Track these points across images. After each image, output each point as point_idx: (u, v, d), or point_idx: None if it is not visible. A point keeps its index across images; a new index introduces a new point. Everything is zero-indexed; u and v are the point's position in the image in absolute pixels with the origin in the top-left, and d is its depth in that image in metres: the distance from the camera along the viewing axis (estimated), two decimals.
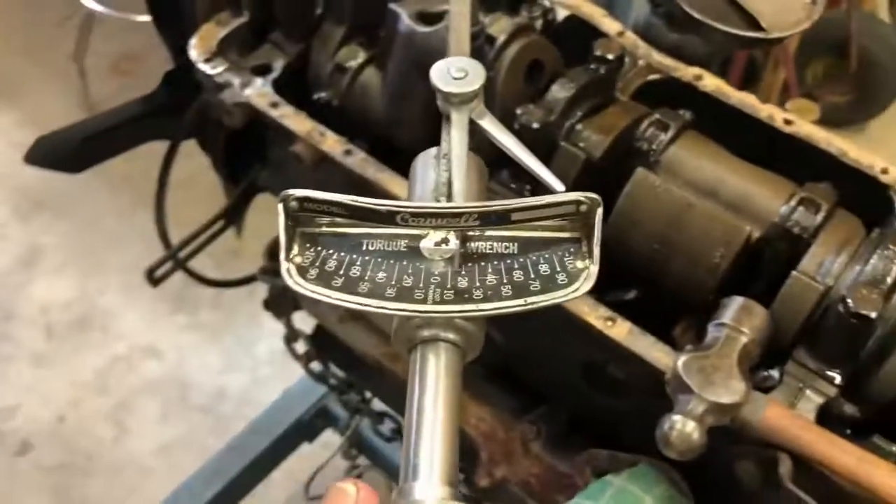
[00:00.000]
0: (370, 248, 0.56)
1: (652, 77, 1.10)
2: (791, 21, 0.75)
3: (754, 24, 0.76)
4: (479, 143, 0.93)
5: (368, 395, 1.57)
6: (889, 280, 0.81)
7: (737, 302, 0.83)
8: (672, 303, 0.95)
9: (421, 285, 0.54)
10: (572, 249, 0.55)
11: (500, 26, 0.96)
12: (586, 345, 0.95)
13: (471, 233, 0.55)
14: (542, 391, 1.18)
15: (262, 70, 1.10)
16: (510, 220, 0.55)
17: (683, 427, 0.75)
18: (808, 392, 0.83)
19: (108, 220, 3.01)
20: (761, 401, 0.78)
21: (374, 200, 0.55)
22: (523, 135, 0.93)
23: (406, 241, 0.56)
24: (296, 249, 0.56)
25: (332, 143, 1.02)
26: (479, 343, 0.55)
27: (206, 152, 1.34)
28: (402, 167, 1.01)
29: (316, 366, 1.44)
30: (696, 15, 0.73)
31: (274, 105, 1.05)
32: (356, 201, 0.54)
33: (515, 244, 0.56)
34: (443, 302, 0.53)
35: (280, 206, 0.56)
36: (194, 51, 1.10)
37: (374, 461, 1.88)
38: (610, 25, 1.12)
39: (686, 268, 0.90)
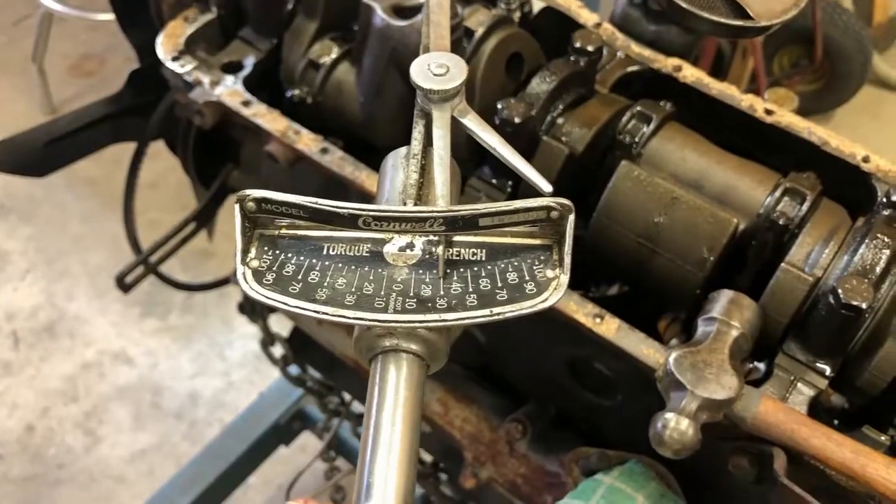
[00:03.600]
0: (331, 252, 0.54)
1: (631, 69, 1.08)
2: (778, 9, 0.74)
3: (741, 12, 0.74)
4: (457, 137, 0.91)
5: (348, 397, 1.54)
6: (878, 270, 0.80)
7: (726, 296, 0.82)
8: (658, 297, 0.93)
9: (382, 293, 0.51)
10: (542, 257, 0.53)
11: (477, 18, 0.94)
12: (574, 342, 0.94)
13: (437, 238, 0.53)
14: (528, 390, 1.17)
15: (233, 67, 1.07)
16: (478, 226, 0.52)
17: (678, 425, 0.73)
18: (799, 385, 0.82)
19: (73, 224, 2.94)
20: (755, 396, 0.77)
21: (336, 203, 0.52)
22: (505, 129, 0.91)
23: (369, 245, 0.53)
24: (253, 252, 0.54)
25: (308, 142, 0.99)
26: (444, 354, 0.53)
27: (175, 153, 1.31)
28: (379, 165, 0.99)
29: (294, 369, 1.41)
30: (684, 4, 0.72)
31: (246, 104, 1.02)
32: (316, 203, 0.52)
33: (484, 250, 0.54)
34: (404, 311, 0.51)
35: (237, 208, 0.53)
36: (161, 49, 1.07)
37: (353, 464, 1.85)
38: (587, 17, 1.10)
39: (672, 262, 0.88)
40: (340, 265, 0.54)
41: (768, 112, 1.03)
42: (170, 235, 1.32)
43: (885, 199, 0.86)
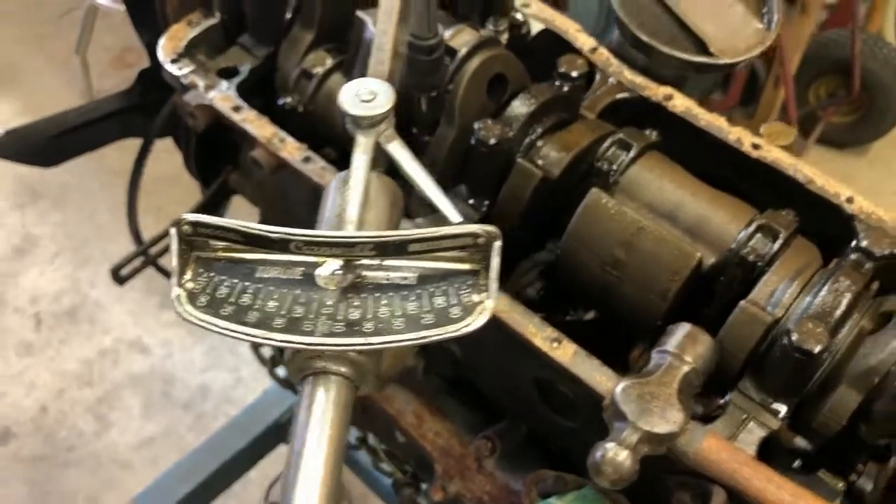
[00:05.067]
0: (264, 275, 0.55)
1: (621, 95, 1.08)
2: (742, 47, 0.74)
3: (706, 48, 0.74)
4: (436, 154, 0.92)
5: None
6: (837, 314, 0.79)
7: (682, 329, 0.82)
8: (625, 326, 0.93)
9: (311, 316, 0.53)
10: (470, 282, 0.54)
11: (463, 38, 0.95)
12: (538, 364, 0.94)
13: (368, 262, 0.54)
14: (503, 407, 1.17)
15: (229, 73, 1.09)
16: (408, 251, 0.53)
17: (615, 456, 0.73)
18: (751, 424, 0.81)
19: (101, 213, 3.01)
20: (699, 432, 0.76)
21: (268, 228, 0.54)
22: (480, 149, 0.92)
23: (302, 268, 0.55)
24: (189, 275, 0.55)
25: (292, 150, 1.01)
26: (374, 376, 0.54)
27: (180, 151, 1.34)
28: None
29: (281, 371, 1.43)
30: (645, 38, 0.72)
31: (236, 109, 1.05)
32: (249, 228, 0.54)
33: (414, 275, 0.55)
34: (331, 335, 0.52)
35: (173, 231, 0.55)
36: (162, 51, 1.10)
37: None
38: (584, 41, 1.11)
39: (637, 291, 0.88)
40: (272, 288, 0.55)
41: (755, 146, 1.03)
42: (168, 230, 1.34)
43: (854, 243, 0.85)
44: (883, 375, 0.76)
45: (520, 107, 0.95)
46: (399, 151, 0.61)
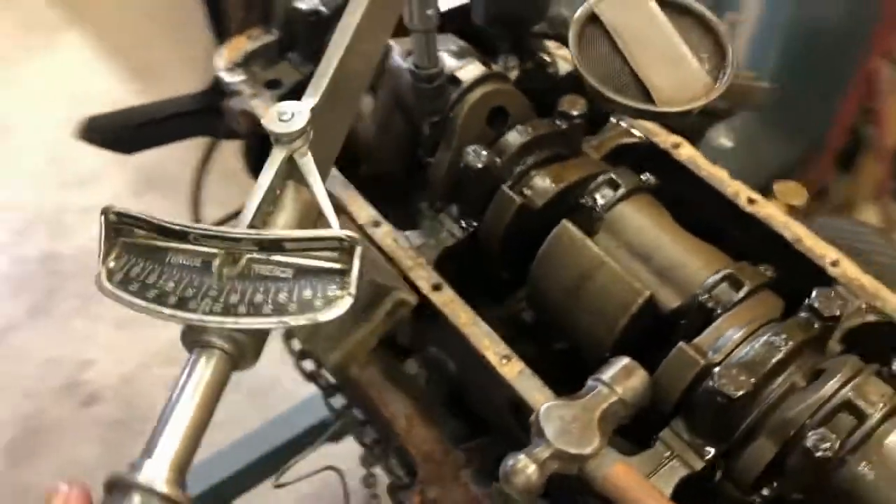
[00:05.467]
0: (172, 260, 0.65)
1: (630, 140, 1.13)
2: (685, 98, 0.77)
3: (651, 98, 0.78)
4: (435, 174, 1.00)
5: None
6: (768, 365, 0.81)
7: (621, 362, 0.85)
8: (582, 355, 0.97)
9: (198, 297, 0.62)
10: (337, 279, 0.62)
11: (468, 71, 1.03)
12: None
13: (258, 257, 0.63)
14: (489, 422, 1.22)
15: (274, 84, 1.21)
16: (285, 249, 0.62)
17: (524, 467, 0.78)
18: (674, 462, 0.84)
19: (208, 208, 3.24)
20: (610, 458, 0.80)
21: (172, 221, 0.63)
22: (467, 173, 0.99)
23: (201, 258, 0.64)
24: (112, 256, 0.66)
25: None
26: (252, 355, 0.63)
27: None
28: (380, 191, 1.09)
29: (308, 365, 1.53)
30: (594, 82, 0.77)
31: None
32: (159, 220, 0.63)
33: (292, 270, 0.63)
34: (211, 313, 0.61)
35: (102, 218, 0.65)
36: (220, 59, 1.23)
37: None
38: None
39: (591, 322, 0.93)
40: (175, 272, 0.65)
41: (750, 201, 1.05)
42: (222, 221, 1.48)
43: (806, 302, 0.86)
44: (798, 428, 0.77)
45: (513, 137, 1.01)
46: (306, 166, 0.70)
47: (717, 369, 0.80)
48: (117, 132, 1.44)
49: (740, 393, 0.78)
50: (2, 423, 2.72)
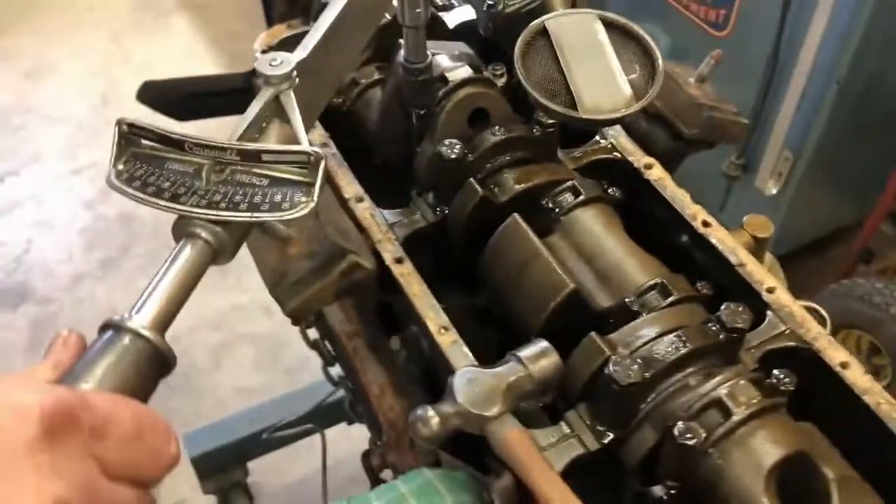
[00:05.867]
0: (169, 167, 0.78)
1: (607, 156, 1.22)
2: (605, 109, 0.86)
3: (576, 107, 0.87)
4: (418, 163, 1.11)
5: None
6: (664, 363, 0.89)
7: (539, 343, 0.94)
8: (516, 336, 1.06)
9: (188, 194, 0.75)
10: (303, 189, 0.74)
11: (457, 73, 1.13)
12: None
13: (240, 167, 0.75)
14: None
15: None
16: (262, 160, 0.74)
17: (429, 418, 0.88)
18: (572, 440, 0.92)
19: None
20: (509, 423, 0.89)
21: (172, 131, 0.76)
22: (439, 163, 1.09)
23: (194, 166, 0.77)
24: (122, 159, 0.79)
25: (317, 135, 1.24)
26: (230, 251, 0.75)
27: None
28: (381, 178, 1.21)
29: (312, 333, 1.65)
30: (529, 87, 0.86)
31: None
32: (161, 130, 0.76)
33: (267, 179, 0.75)
34: (197, 207, 0.73)
35: (115, 128, 0.79)
36: (258, 42, 1.37)
37: None
38: None
39: (524, 307, 1.01)
40: (171, 175, 0.78)
41: (705, 224, 1.12)
42: None
43: (717, 313, 0.93)
44: (674, 420, 0.84)
45: (487, 136, 1.11)
46: (289, 104, 0.82)
47: (613, 358, 0.88)
48: (168, 99, 1.60)
49: (628, 381, 0.86)
50: None
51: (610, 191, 1.14)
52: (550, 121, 1.12)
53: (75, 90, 4.04)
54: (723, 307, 0.93)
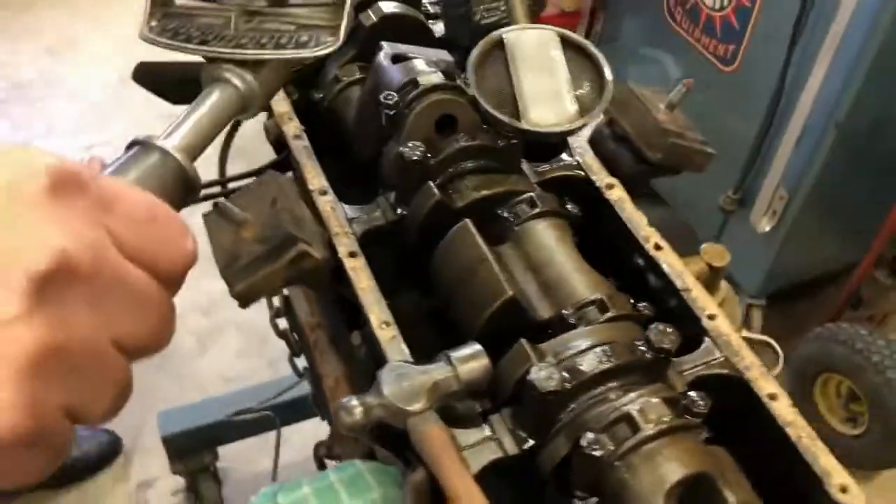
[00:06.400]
0: (201, 21, 0.81)
1: (570, 173, 1.24)
2: (548, 122, 0.88)
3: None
4: (384, 162, 1.13)
5: None
6: (585, 374, 0.91)
7: (472, 346, 0.96)
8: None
9: (217, 39, 0.78)
10: (329, 30, 0.79)
11: (429, 78, 1.16)
12: None
13: (268, 15, 0.78)
14: None
15: None
16: (288, 3, 0.77)
17: (353, 408, 0.90)
18: (492, 443, 0.93)
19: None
20: (430, 420, 0.91)
21: None
22: (403, 164, 1.12)
23: (225, 17, 0.80)
24: (156, 16, 0.83)
25: (292, 127, 1.27)
26: (260, 100, 0.79)
27: None
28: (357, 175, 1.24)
29: (282, 322, 1.68)
30: (476, 94, 0.88)
31: None
32: None
33: (294, 25, 0.79)
34: (225, 47, 0.76)
35: None
36: None
37: None
38: None
39: (466, 311, 1.04)
40: (202, 26, 0.82)
41: (657, 247, 1.14)
42: (247, 174, 1.65)
43: (646, 334, 0.95)
44: (586, 431, 0.86)
45: (451, 142, 1.14)
46: None
47: (536, 366, 0.90)
48: (159, 81, 1.64)
49: (547, 389, 0.88)
50: None
51: (569, 206, 1.16)
52: (510, 134, 1.14)
53: (95, 67, 4.11)
54: (651, 327, 0.95)
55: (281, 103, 1.31)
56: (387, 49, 1.25)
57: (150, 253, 0.53)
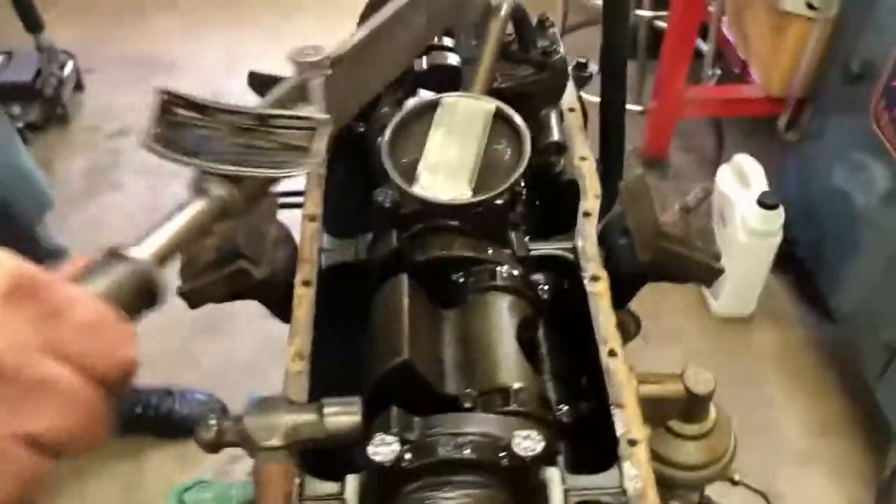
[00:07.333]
0: (197, 132, 0.86)
1: (562, 255, 1.18)
2: (435, 192, 0.83)
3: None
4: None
5: None
6: (434, 458, 0.87)
7: (351, 399, 0.93)
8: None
9: (206, 153, 0.82)
10: (307, 153, 0.80)
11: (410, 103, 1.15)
12: None
13: (256, 132, 0.83)
14: None
15: None
16: (269, 122, 0.81)
17: (209, 425, 0.92)
18: (335, 502, 0.92)
19: None
20: (275, 458, 0.90)
21: (201, 97, 0.84)
22: (373, 208, 1.12)
23: (218, 130, 0.85)
24: (158, 126, 0.87)
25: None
26: (240, 207, 0.82)
27: None
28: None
29: None
30: (381, 147, 0.86)
31: None
32: (190, 96, 0.85)
33: (278, 144, 0.82)
34: (210, 161, 0.81)
35: (156, 97, 0.88)
36: None
37: None
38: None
39: (372, 362, 1.01)
40: (195, 137, 0.87)
41: (611, 353, 1.06)
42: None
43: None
44: None
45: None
46: (315, 91, 0.87)
47: (380, 437, 0.87)
48: (266, 88, 1.75)
49: (380, 461, 0.85)
50: None
51: (543, 288, 1.11)
52: (500, 202, 1.10)
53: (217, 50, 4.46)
54: (517, 433, 0.88)
55: None
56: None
57: (91, 358, 0.57)
